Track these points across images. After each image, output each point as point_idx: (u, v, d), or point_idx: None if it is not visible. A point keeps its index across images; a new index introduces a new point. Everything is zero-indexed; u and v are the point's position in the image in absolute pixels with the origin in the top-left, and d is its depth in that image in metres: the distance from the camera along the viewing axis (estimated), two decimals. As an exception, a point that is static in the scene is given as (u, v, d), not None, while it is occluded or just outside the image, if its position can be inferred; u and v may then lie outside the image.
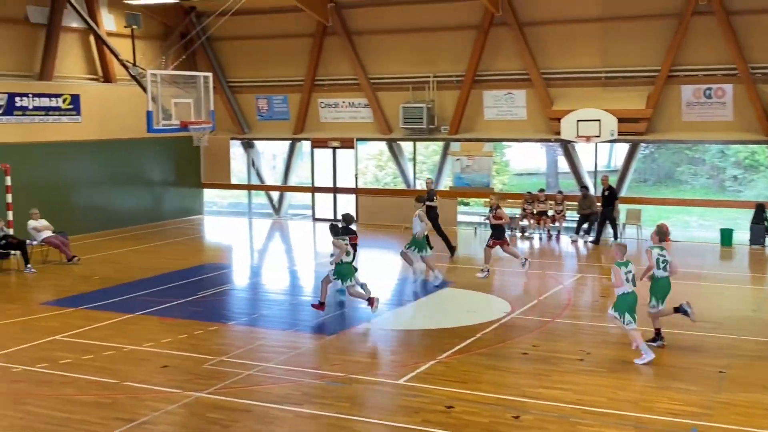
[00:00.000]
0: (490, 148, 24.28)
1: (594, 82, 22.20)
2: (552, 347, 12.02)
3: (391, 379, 10.59)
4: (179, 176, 26.47)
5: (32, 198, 20.23)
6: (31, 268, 17.94)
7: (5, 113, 20.84)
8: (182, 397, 9.90)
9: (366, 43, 24.61)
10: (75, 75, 23.25)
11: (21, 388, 10.33)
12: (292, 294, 16.26)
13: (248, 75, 26.59)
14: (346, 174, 25.70)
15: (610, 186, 21.34)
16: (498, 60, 23.12)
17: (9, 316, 14.05)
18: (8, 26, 21.48)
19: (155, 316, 13.98)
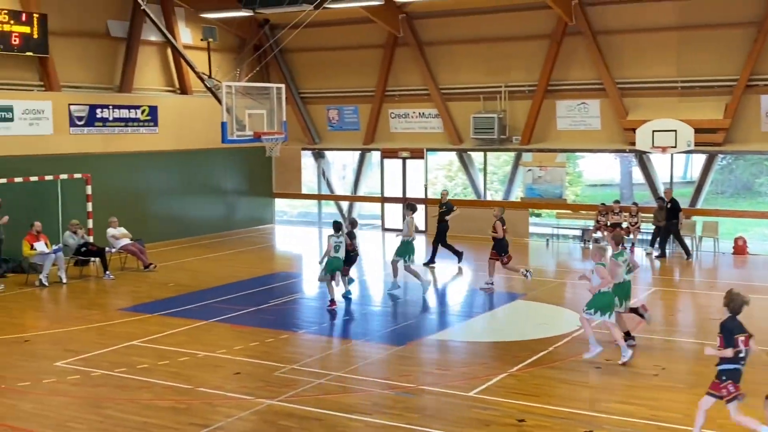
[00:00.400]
0: (563, 159, 24.02)
1: (670, 91, 21.79)
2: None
3: (462, 390, 10.53)
4: (251, 186, 26.89)
5: (111, 206, 20.79)
6: (109, 274, 18.44)
7: (86, 124, 21.50)
8: (254, 404, 10.03)
9: (437, 54, 24.64)
10: (153, 87, 23.87)
11: (100, 393, 10.61)
12: (361, 303, 16.32)
13: (319, 86, 26.89)
14: (415, 184, 25.73)
15: (673, 198, 20.91)
16: (571, 69, 22.88)
17: (89, 322, 14.46)
18: (90, 40, 22.18)
19: (228, 324, 14.21)
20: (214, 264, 20.32)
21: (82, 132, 21.38)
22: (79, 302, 16.27)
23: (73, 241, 18.58)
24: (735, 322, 8.30)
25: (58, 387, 10.83)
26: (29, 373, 11.44)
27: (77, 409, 10.04)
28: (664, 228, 20.86)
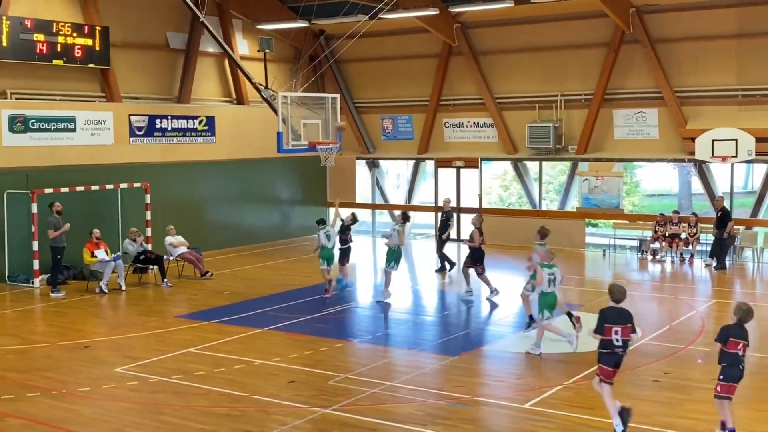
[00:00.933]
0: (620, 169, 23.70)
1: (730, 100, 21.37)
2: (685, 375, 11.57)
3: (517, 402, 10.45)
4: (306, 195, 27.09)
5: (169, 215, 21.15)
6: (167, 282, 18.73)
7: (146, 134, 21.91)
8: (309, 413, 10.09)
9: (492, 63, 24.56)
10: (210, 98, 24.25)
11: (158, 399, 10.77)
12: (415, 313, 16.31)
13: (374, 95, 27.00)
14: (469, 194, 25.63)
15: (723, 207, 20.47)
16: (629, 78, 22.60)
17: (147, 329, 14.70)
18: (150, 52, 22.64)
19: (283, 332, 14.32)
20: (269, 272, 20.51)
21: (141, 142, 21.80)
22: (138, 309, 16.56)
23: (132, 248, 18.92)
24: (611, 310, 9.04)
25: (117, 392, 11.04)
26: (89, 378, 11.68)
27: (136, 414, 10.21)
28: (716, 237, 20.46)
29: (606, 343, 8.98)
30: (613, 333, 8.93)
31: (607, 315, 9.02)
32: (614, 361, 9.03)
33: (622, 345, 8.98)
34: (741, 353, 8.84)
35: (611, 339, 8.93)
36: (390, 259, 16.94)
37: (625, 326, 8.99)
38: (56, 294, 17.57)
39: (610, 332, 8.94)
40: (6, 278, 18.73)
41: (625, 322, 9.01)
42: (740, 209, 23.73)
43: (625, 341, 8.99)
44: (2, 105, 19.03)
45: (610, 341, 8.95)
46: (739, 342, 8.82)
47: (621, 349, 8.98)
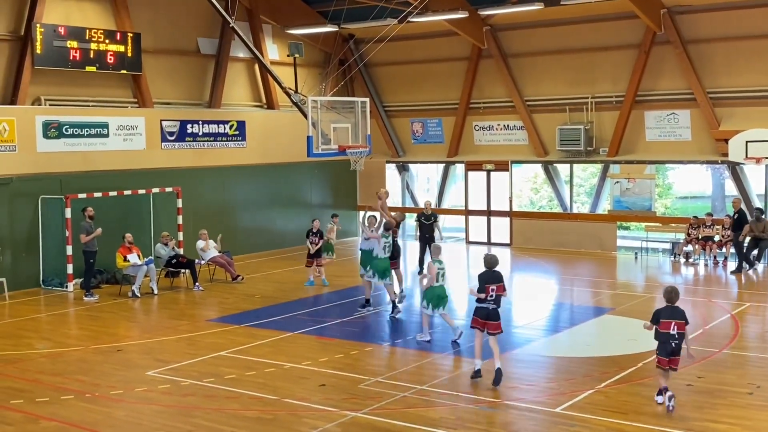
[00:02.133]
0: (652, 171, 23.48)
1: (764, 101, 21.08)
2: (719, 379, 11.42)
3: (548, 406, 10.38)
4: (336, 199, 27.15)
5: (200, 219, 21.32)
6: (199, 286, 18.86)
7: (177, 139, 22.10)
8: (339, 416, 10.09)
9: (521, 65, 24.46)
10: (241, 102, 24.42)
11: (190, 401, 10.84)
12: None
13: (403, 99, 27.00)
14: (500, 197, 25.53)
15: (740, 209, 20.22)
16: (660, 79, 22.39)
17: (179, 332, 14.82)
18: (181, 58, 22.85)
19: (313, 335, 14.36)
20: (299, 276, 20.54)
21: (173, 147, 21.99)
22: (170, 313, 16.69)
23: (164, 252, 19.08)
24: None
25: (149, 395, 11.12)
26: (122, 381, 11.78)
27: (168, 417, 10.29)
28: (752, 240, 20.22)
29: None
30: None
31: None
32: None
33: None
34: (673, 332, 10.08)
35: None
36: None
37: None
38: (89, 298, 17.76)
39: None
40: (41, 282, 18.99)
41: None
42: (775, 211, 23.38)
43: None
44: (36, 111, 19.31)
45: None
46: (671, 322, 10.08)
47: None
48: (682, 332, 10.13)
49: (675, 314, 10.16)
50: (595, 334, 14.66)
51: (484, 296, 11.26)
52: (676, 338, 10.11)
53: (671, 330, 10.10)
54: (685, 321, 10.20)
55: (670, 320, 10.12)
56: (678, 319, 10.14)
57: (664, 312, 10.21)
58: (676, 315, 10.16)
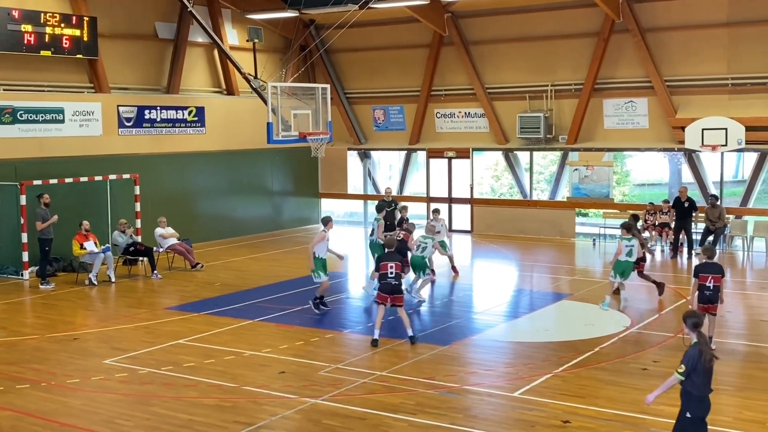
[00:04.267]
0: (610, 158, 23.73)
1: (720, 89, 21.39)
2: (674, 363, 11.45)
3: (506, 391, 10.47)
4: (297, 186, 27.05)
5: (158, 207, 21.09)
6: (157, 274, 18.68)
7: (135, 125, 21.83)
8: (299, 403, 10.08)
9: (482, 53, 24.52)
10: (200, 88, 24.16)
11: (148, 390, 10.75)
12: (406, 304, 16.26)
13: (365, 86, 26.94)
14: (461, 184, 25.63)
15: (689, 197, 20.62)
16: (619, 67, 22.60)
17: (136, 320, 14.67)
18: (139, 42, 22.52)
19: (273, 323, 14.31)
20: (260, 264, 20.48)
21: (130, 133, 21.71)
22: (128, 301, 16.51)
23: (121, 240, 18.87)
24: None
25: (106, 384, 11.02)
26: (78, 370, 11.65)
27: (125, 406, 10.20)
28: (677, 225, 20.68)
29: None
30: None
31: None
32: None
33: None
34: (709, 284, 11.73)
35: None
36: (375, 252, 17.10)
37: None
38: (45, 286, 17.51)
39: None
40: (-5, 270, 18.68)
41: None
42: (730, 198, 23.83)
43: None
44: (-10, 96, 18.93)
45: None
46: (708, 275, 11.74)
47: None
48: (717, 285, 11.75)
49: (713, 269, 11.81)
50: (554, 320, 14.80)
51: (386, 273, 12.65)
52: (711, 289, 11.77)
53: (707, 282, 11.78)
54: (722, 274, 11.84)
55: (707, 274, 11.79)
56: (715, 273, 11.78)
57: (703, 267, 11.91)
58: (713, 270, 11.80)
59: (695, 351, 7.60)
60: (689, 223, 20.69)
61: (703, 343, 7.67)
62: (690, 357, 7.57)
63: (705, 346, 7.66)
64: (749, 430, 9.02)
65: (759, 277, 18.80)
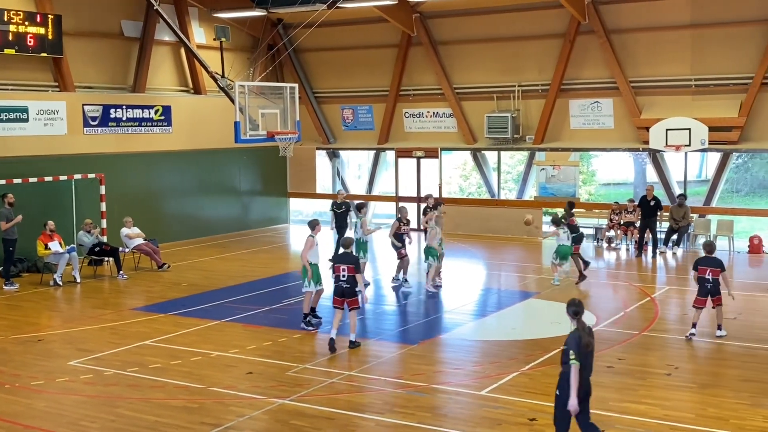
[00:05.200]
0: (576, 158, 23.93)
1: (684, 90, 21.67)
2: (638, 361, 11.75)
3: (474, 389, 10.53)
4: (266, 185, 26.95)
5: (124, 206, 20.90)
6: (123, 274, 18.52)
7: (100, 124, 21.60)
8: (266, 404, 10.06)
9: (451, 53, 24.61)
10: (166, 87, 23.97)
11: (113, 391, 10.66)
12: (375, 303, 16.31)
13: (333, 85, 26.91)
14: (430, 184, 25.70)
15: (655, 197, 20.91)
16: (584, 68, 22.80)
17: (102, 321, 14.53)
18: (104, 40, 22.30)
19: (241, 323, 14.25)
20: (227, 264, 20.38)
21: (95, 132, 21.49)
22: (93, 302, 16.35)
23: (87, 240, 18.68)
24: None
25: (71, 386, 10.90)
26: (43, 372, 11.51)
27: (90, 408, 10.10)
28: (643, 224, 20.88)
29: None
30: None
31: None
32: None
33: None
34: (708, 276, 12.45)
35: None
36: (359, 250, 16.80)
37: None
38: (9, 287, 17.28)
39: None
40: (-43, 271, 18.39)
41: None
42: (694, 198, 24.12)
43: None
44: (-48, 95, 18.64)
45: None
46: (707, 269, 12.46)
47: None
48: (716, 277, 12.42)
49: (710, 263, 12.50)
50: (521, 318, 14.91)
51: (338, 275, 12.41)
52: (711, 282, 12.44)
53: (706, 275, 12.46)
54: (721, 268, 12.45)
55: (706, 267, 12.49)
56: (713, 266, 12.46)
57: (702, 261, 12.61)
58: (711, 263, 12.49)
59: (575, 336, 7.92)
60: (654, 222, 20.95)
61: (581, 329, 7.95)
62: (572, 342, 7.90)
63: (583, 332, 7.94)
64: (712, 427, 9.15)
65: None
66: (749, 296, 16.07)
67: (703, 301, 12.66)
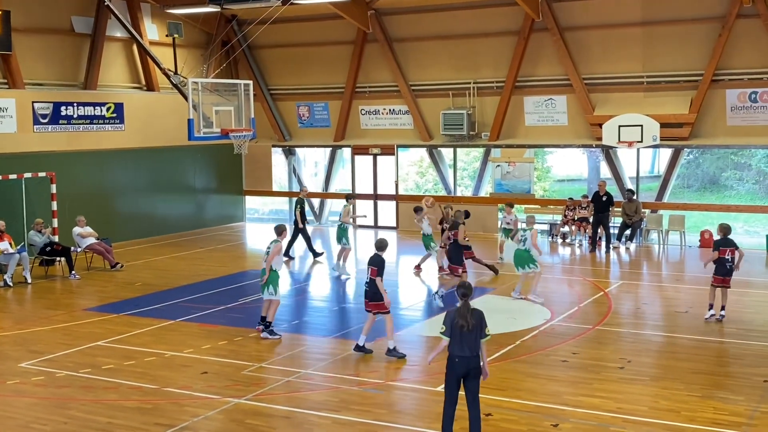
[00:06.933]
0: (531, 155, 24.13)
1: (636, 87, 21.97)
2: (592, 355, 11.89)
3: (430, 386, 10.55)
4: (221, 183, 26.73)
5: (76, 205, 20.56)
6: (75, 274, 18.23)
7: (50, 122, 21.23)
8: (221, 403, 9.98)
9: (406, 50, 24.63)
10: (118, 84, 23.63)
11: (65, 393, 10.49)
12: (332, 301, 16.29)
13: (289, 82, 26.77)
14: (386, 181, 25.72)
15: (607, 192, 21.22)
16: (538, 66, 22.98)
17: (53, 322, 14.29)
18: (54, 37, 21.90)
19: (196, 323, 14.12)
20: (182, 263, 20.18)
21: (46, 130, 21.12)
22: (44, 302, 16.08)
23: (38, 240, 18.36)
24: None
25: (22, 388, 10.72)
26: (-8, 374, 11.29)
27: (41, 410, 9.94)
28: (596, 220, 21.13)
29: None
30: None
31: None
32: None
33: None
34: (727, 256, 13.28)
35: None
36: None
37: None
38: (-43, 288, 16.93)
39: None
40: None
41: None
42: (646, 193, 24.49)
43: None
44: None
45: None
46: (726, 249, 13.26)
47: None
48: (734, 257, 13.26)
49: (730, 243, 13.33)
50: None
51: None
52: (730, 262, 13.26)
53: (726, 255, 13.25)
54: (737, 247, 13.35)
55: (726, 248, 13.26)
56: (732, 247, 13.31)
57: (721, 242, 13.39)
58: (731, 244, 13.33)
59: (452, 314, 8.47)
60: (607, 218, 21.20)
61: (460, 309, 8.41)
62: (447, 318, 8.46)
63: (458, 312, 8.39)
64: (665, 419, 9.28)
65: (674, 270, 19.40)
66: (700, 290, 16.33)
67: (722, 280, 13.39)
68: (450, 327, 8.35)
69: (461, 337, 8.30)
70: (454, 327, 8.32)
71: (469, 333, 8.31)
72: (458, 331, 8.31)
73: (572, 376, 10.96)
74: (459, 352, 8.34)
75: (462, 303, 8.47)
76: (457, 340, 8.33)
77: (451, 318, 8.38)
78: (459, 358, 8.35)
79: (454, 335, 8.33)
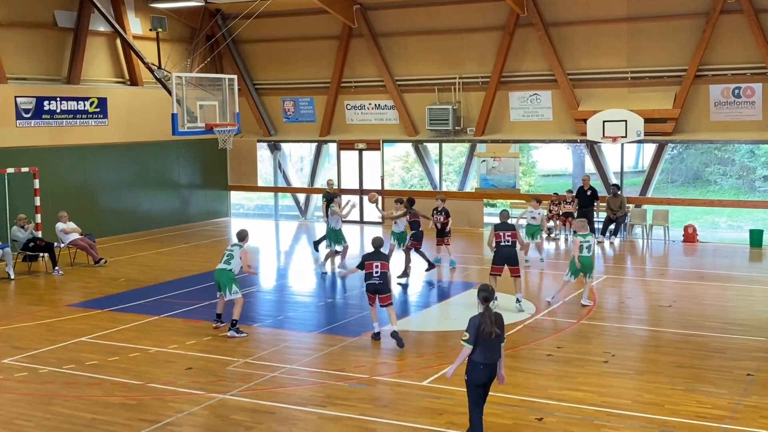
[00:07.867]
0: (516, 150, 24.18)
1: (620, 82, 22.04)
2: (577, 349, 11.93)
3: (415, 380, 10.57)
4: (206, 179, 26.63)
5: (59, 201, 20.45)
6: (58, 270, 18.13)
7: (33, 117, 21.09)
8: (206, 399, 9.95)
9: (392, 45, 24.61)
10: (102, 78, 23.48)
11: (48, 389, 10.43)
12: (317, 296, 16.28)
13: (274, 77, 26.69)
14: (372, 176, 25.70)
15: (591, 186, 21.29)
16: (524, 61, 23.01)
17: (37, 318, 14.21)
18: (37, 31, 21.73)
19: (180, 318, 14.07)
20: (167, 258, 20.10)
21: (29, 125, 20.97)
22: (28, 298, 15.98)
23: (21, 235, 18.24)
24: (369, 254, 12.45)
25: (5, 384, 10.65)
26: (-25, 371, 11.22)
27: (25, 406, 9.88)
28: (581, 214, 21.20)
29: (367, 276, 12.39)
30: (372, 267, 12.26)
31: None
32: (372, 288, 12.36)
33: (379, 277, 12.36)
34: None
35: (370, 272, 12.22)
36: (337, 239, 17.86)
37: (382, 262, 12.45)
38: (-61, 284, 16.80)
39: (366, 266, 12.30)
40: None
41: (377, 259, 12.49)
42: (630, 188, 24.60)
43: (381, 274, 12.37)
44: None
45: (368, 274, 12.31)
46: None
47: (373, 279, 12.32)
48: None
49: None
50: (463, 308, 14.96)
51: (371, 272, 12.22)
52: None
53: None
54: None
55: None
56: None
57: None
58: None
59: (476, 320, 8.15)
60: (591, 212, 21.28)
61: (486, 315, 8.16)
62: (471, 325, 8.14)
63: (486, 318, 8.13)
64: (648, 413, 9.33)
65: (658, 264, 19.50)
66: (684, 284, 16.45)
67: None
68: (475, 334, 8.05)
69: (488, 344, 8.09)
70: (482, 334, 8.04)
71: (495, 339, 8.13)
72: (487, 338, 8.06)
73: (557, 370, 11.00)
74: (485, 359, 8.13)
75: (485, 308, 8.23)
76: (484, 347, 8.09)
77: (476, 325, 8.08)
78: (484, 365, 8.14)
79: (481, 342, 8.06)
